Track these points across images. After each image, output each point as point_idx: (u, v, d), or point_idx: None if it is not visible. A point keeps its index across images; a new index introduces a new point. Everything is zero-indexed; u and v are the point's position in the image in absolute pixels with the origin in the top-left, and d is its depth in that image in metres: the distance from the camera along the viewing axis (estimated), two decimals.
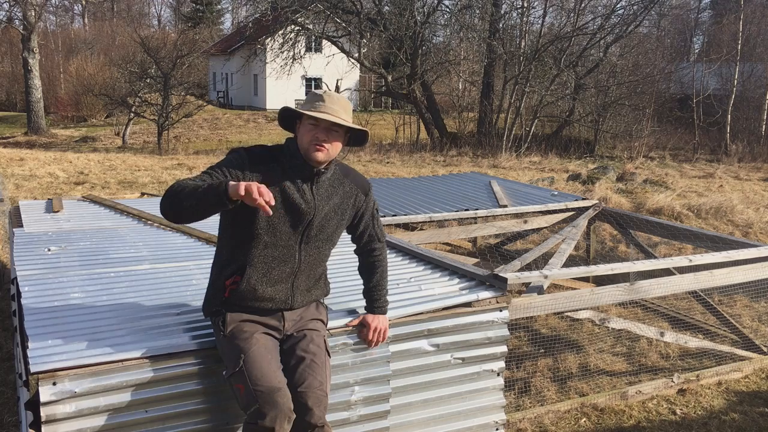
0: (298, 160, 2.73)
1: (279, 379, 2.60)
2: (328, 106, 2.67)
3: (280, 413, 2.52)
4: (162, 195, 2.57)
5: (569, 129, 24.35)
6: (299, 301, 2.82)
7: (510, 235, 7.46)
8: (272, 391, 2.54)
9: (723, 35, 26.02)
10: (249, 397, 2.54)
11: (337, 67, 27.19)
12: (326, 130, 2.68)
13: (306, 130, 2.69)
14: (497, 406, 3.51)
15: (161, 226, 4.70)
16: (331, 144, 2.69)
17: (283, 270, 2.76)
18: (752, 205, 10.76)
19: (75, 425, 2.56)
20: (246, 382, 2.55)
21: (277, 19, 23.46)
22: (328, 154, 2.70)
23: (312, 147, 2.68)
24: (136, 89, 26.40)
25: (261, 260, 2.72)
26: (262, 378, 2.55)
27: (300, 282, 2.81)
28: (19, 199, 9.41)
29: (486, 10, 23.53)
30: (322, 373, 2.72)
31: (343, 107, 2.71)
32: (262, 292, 2.73)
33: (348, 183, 2.88)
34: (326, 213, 2.79)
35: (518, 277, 3.80)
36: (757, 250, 4.78)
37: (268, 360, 2.63)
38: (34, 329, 2.82)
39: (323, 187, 2.79)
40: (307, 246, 2.78)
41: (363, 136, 2.83)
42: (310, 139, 2.68)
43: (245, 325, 2.72)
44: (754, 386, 4.59)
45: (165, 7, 74.15)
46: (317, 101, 2.69)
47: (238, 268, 2.73)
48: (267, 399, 2.52)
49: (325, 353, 2.81)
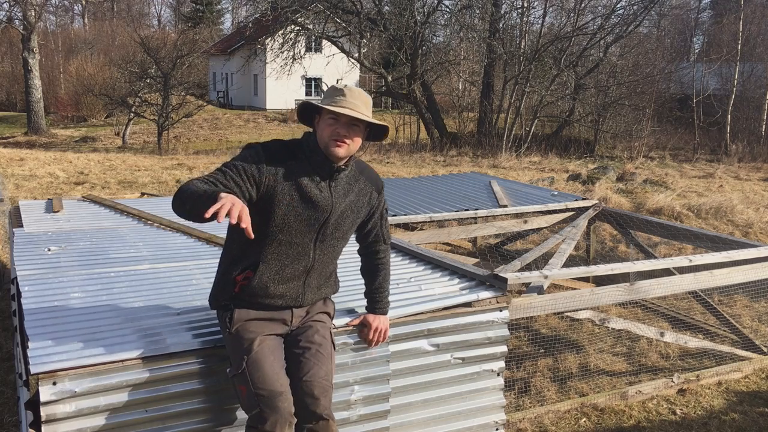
0: (319, 156, 2.66)
1: (281, 382, 2.58)
2: (348, 101, 2.61)
3: (281, 418, 2.52)
4: (175, 195, 2.50)
5: (569, 129, 24.37)
6: (309, 299, 2.80)
7: (510, 235, 7.46)
8: (274, 395, 2.53)
9: (723, 35, 26.02)
10: (251, 400, 2.54)
11: (337, 67, 27.18)
12: (347, 125, 2.62)
13: (326, 124, 2.63)
14: (497, 406, 3.51)
15: (161, 226, 4.70)
16: (352, 139, 2.63)
17: (296, 268, 2.72)
18: (752, 205, 10.76)
19: (75, 425, 2.56)
20: (248, 385, 2.55)
21: (277, 19, 23.46)
22: (348, 149, 2.64)
23: (332, 142, 2.62)
24: (136, 89, 26.41)
25: (275, 257, 2.68)
26: (264, 382, 2.54)
27: (312, 280, 2.78)
28: (19, 199, 9.41)
29: (486, 10, 23.54)
30: (328, 363, 2.72)
31: (363, 102, 2.65)
32: (274, 290, 2.70)
33: (363, 180, 2.83)
34: (342, 210, 2.74)
35: (518, 277, 3.80)
36: (757, 250, 4.78)
37: (270, 362, 2.62)
38: (34, 329, 2.82)
39: (341, 184, 2.73)
40: (322, 244, 2.74)
41: (382, 131, 2.77)
42: (330, 134, 2.62)
43: (251, 325, 2.69)
44: (754, 386, 4.59)
45: (165, 7, 74.21)
46: (338, 95, 2.63)
47: (251, 264, 2.68)
48: (268, 403, 2.52)
49: (330, 345, 2.80)
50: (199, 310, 3.10)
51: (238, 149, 21.82)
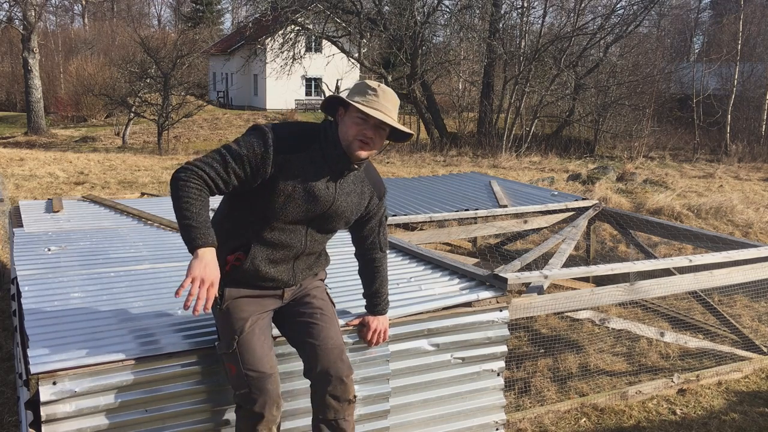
0: (338, 151, 2.56)
1: (271, 364, 2.60)
2: (381, 103, 2.52)
3: (269, 399, 2.55)
4: (172, 179, 2.46)
5: (569, 129, 24.38)
6: (300, 278, 2.80)
7: (510, 235, 7.46)
8: (263, 377, 2.55)
9: (723, 35, 26.04)
10: (240, 379, 2.57)
11: (337, 67, 27.19)
12: (375, 127, 2.53)
13: (353, 122, 2.53)
14: (497, 406, 3.51)
15: (161, 226, 4.70)
16: (376, 143, 2.56)
17: (287, 253, 2.68)
18: (752, 205, 10.76)
19: (75, 425, 2.56)
20: (238, 365, 2.57)
21: (277, 19, 23.47)
22: (371, 152, 2.58)
23: (357, 143, 2.53)
24: (136, 89, 26.42)
25: (267, 242, 2.63)
26: (254, 363, 2.56)
27: (300, 263, 2.76)
28: (19, 199, 9.41)
29: (486, 10, 23.56)
30: (335, 323, 2.75)
31: (394, 105, 2.57)
32: (265, 273, 2.66)
33: (367, 183, 2.78)
34: (342, 208, 2.70)
35: (518, 277, 3.80)
36: (757, 250, 4.78)
37: (261, 343, 2.62)
38: (34, 329, 2.82)
39: (347, 183, 2.68)
40: (313, 232, 2.71)
41: (405, 137, 2.68)
42: (357, 133, 2.52)
43: (243, 303, 2.66)
44: (754, 386, 4.58)
45: (165, 7, 74.21)
46: (370, 93, 2.53)
47: (242, 245, 2.62)
48: (257, 385, 2.54)
49: (331, 305, 2.83)
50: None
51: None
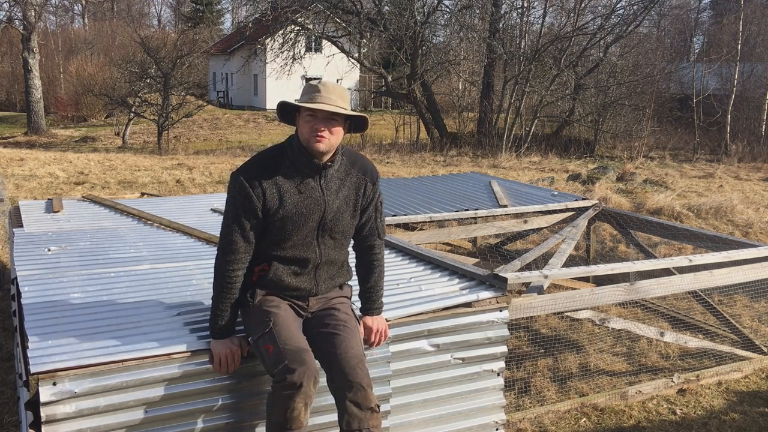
0: (304, 157, 2.75)
1: (305, 344, 2.69)
2: (324, 96, 2.69)
3: (308, 370, 2.59)
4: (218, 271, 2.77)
5: (569, 129, 24.36)
6: (324, 289, 2.91)
7: (510, 235, 7.46)
8: (300, 350, 2.63)
9: (723, 35, 26.02)
10: (278, 355, 2.62)
11: (337, 67, 27.16)
12: (324, 119, 2.70)
13: (305, 121, 2.72)
14: (497, 406, 3.51)
15: (161, 226, 4.70)
16: (331, 133, 2.71)
17: (305, 265, 2.83)
18: (752, 205, 10.76)
19: (75, 425, 2.56)
20: (275, 342, 2.64)
21: (277, 19, 23.44)
22: (329, 143, 2.72)
23: (312, 138, 2.70)
24: (136, 89, 26.39)
25: (285, 259, 2.80)
26: (290, 339, 2.66)
27: (322, 273, 2.88)
28: (19, 199, 9.41)
29: (486, 10, 23.53)
30: (357, 336, 2.81)
31: (339, 95, 2.72)
32: (288, 283, 2.83)
33: (355, 173, 2.88)
34: (338, 206, 2.82)
35: (518, 277, 3.80)
36: (757, 250, 4.78)
37: (295, 327, 2.75)
38: (34, 329, 2.82)
39: (332, 181, 2.81)
40: (324, 240, 2.84)
41: (363, 122, 2.84)
42: (309, 130, 2.71)
43: (273, 299, 2.82)
44: (754, 386, 4.58)
45: (165, 7, 74.11)
46: (313, 92, 2.71)
47: (266, 260, 2.82)
48: (295, 357, 2.60)
49: (354, 319, 2.90)
50: (199, 311, 3.11)
51: (238, 149, 21.87)
